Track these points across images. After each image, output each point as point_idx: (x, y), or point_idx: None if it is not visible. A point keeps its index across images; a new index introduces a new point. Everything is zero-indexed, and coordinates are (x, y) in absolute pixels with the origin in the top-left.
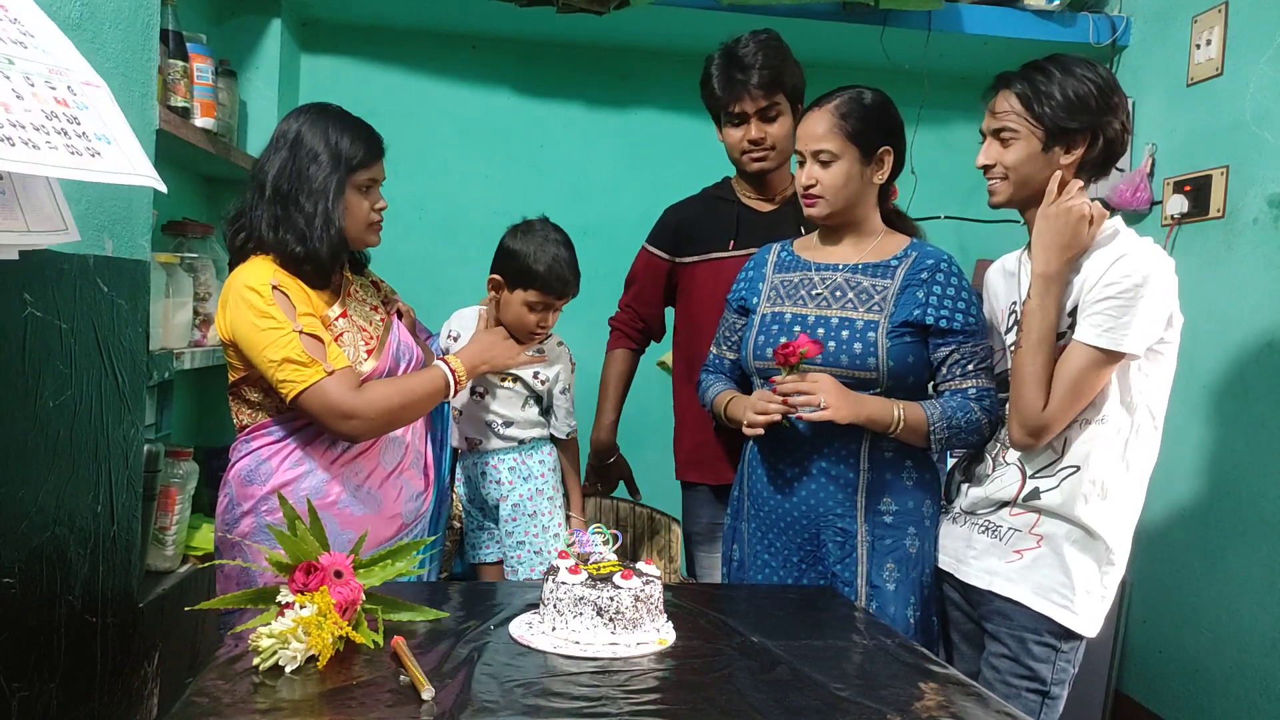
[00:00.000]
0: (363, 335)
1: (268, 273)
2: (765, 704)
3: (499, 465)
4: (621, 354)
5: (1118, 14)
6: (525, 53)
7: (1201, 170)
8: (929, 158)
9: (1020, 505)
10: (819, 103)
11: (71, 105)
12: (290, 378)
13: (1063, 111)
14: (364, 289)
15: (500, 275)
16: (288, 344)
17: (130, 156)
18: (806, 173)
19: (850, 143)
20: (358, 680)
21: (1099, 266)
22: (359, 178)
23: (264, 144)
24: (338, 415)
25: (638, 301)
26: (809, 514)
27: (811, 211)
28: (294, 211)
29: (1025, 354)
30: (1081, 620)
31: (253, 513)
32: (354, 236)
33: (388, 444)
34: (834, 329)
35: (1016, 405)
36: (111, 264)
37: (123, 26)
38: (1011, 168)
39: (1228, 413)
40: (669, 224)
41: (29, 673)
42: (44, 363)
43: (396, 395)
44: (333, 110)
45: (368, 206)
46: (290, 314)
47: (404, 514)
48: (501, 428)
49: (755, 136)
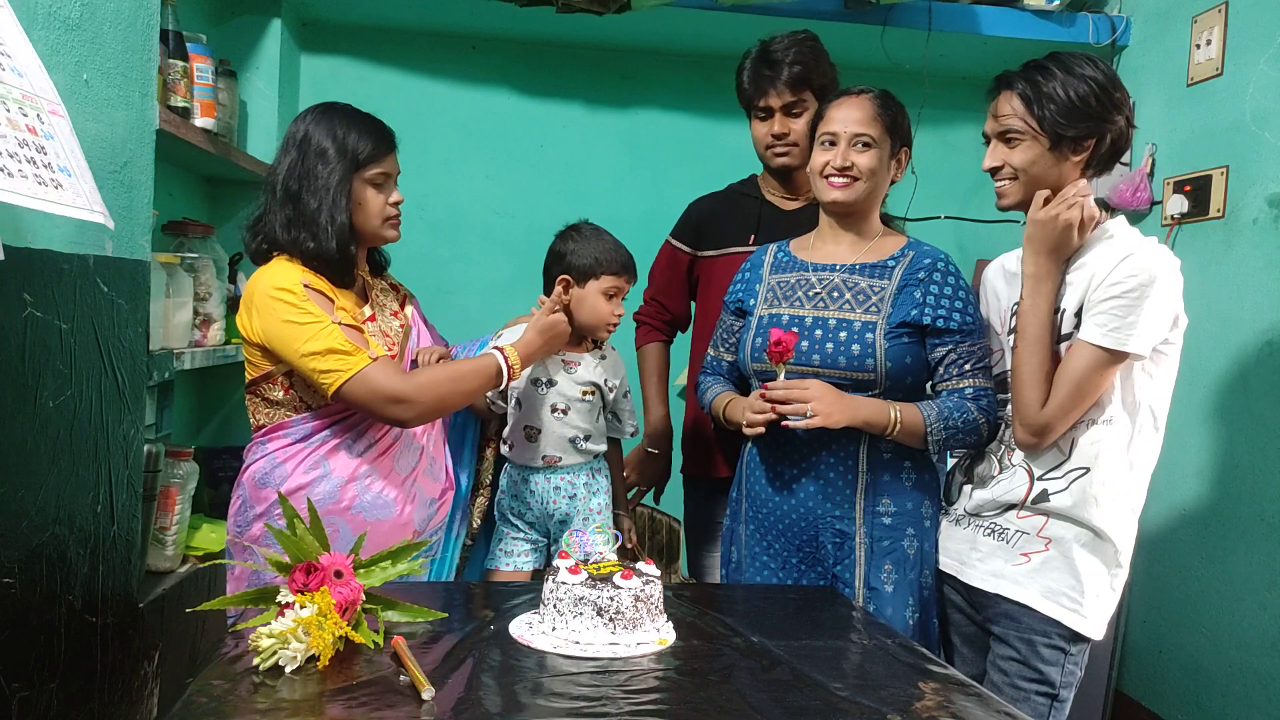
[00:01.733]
0: (385, 340)
1: (296, 274)
2: (765, 704)
3: (574, 480)
4: (655, 347)
5: (1118, 14)
6: (525, 53)
7: (1201, 170)
8: (929, 158)
9: (1029, 508)
10: (851, 92)
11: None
12: (335, 367)
13: (1066, 113)
14: (384, 293)
15: (569, 274)
16: (329, 335)
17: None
18: (841, 154)
19: (888, 134)
20: (358, 680)
21: (1105, 266)
22: (368, 172)
23: (264, 144)
24: (387, 400)
25: (662, 294)
26: (807, 516)
27: (841, 195)
28: (303, 210)
29: (1022, 353)
30: (1090, 624)
31: (265, 516)
32: (370, 232)
33: (403, 449)
34: (831, 330)
35: (1018, 405)
36: (111, 264)
37: (123, 26)
38: (1021, 169)
39: (1228, 413)
40: (692, 217)
41: (29, 673)
42: (44, 363)
43: (447, 381)
44: (339, 107)
45: (382, 201)
46: (327, 308)
47: (416, 521)
48: (583, 442)
49: (779, 131)
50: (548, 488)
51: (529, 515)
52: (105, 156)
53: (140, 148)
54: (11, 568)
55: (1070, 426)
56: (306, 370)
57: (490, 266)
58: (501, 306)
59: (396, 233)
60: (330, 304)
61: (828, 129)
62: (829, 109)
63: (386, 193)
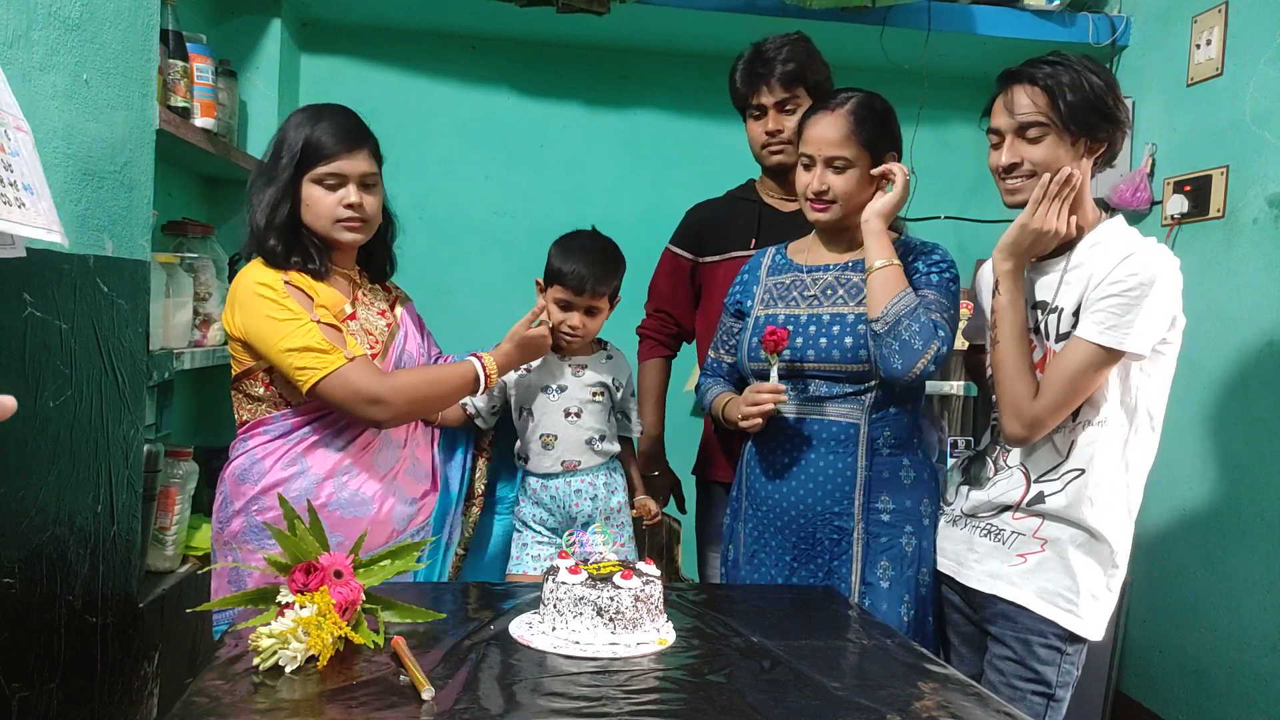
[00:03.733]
0: (368, 339)
1: (277, 271)
2: (765, 704)
3: (595, 482)
4: (655, 364)
5: (1118, 14)
6: (525, 53)
7: (1201, 170)
8: (929, 158)
9: (1024, 510)
10: (828, 106)
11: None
12: (311, 364)
13: (1090, 106)
14: (372, 293)
15: (541, 277)
16: (306, 333)
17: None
18: (818, 178)
19: (864, 150)
20: (358, 680)
21: (1105, 265)
22: (316, 171)
23: (264, 144)
24: (363, 400)
25: (668, 303)
26: (806, 513)
27: (821, 217)
28: (253, 203)
29: (1004, 348)
30: (1086, 624)
31: (243, 512)
32: (322, 233)
33: (382, 448)
34: (825, 325)
35: (1005, 399)
36: (111, 264)
37: (123, 26)
38: (1041, 164)
39: (1228, 413)
40: (691, 224)
41: (29, 673)
42: (44, 363)
43: (424, 384)
44: (317, 107)
45: (331, 202)
46: (307, 306)
47: (395, 520)
48: (598, 442)
49: (772, 128)
50: (568, 491)
51: (551, 521)
52: (105, 156)
53: (140, 148)
54: (11, 568)
55: (1067, 427)
56: (284, 366)
57: (489, 267)
58: (501, 307)
59: (353, 235)
60: (311, 301)
61: (804, 149)
62: (806, 126)
63: (338, 194)
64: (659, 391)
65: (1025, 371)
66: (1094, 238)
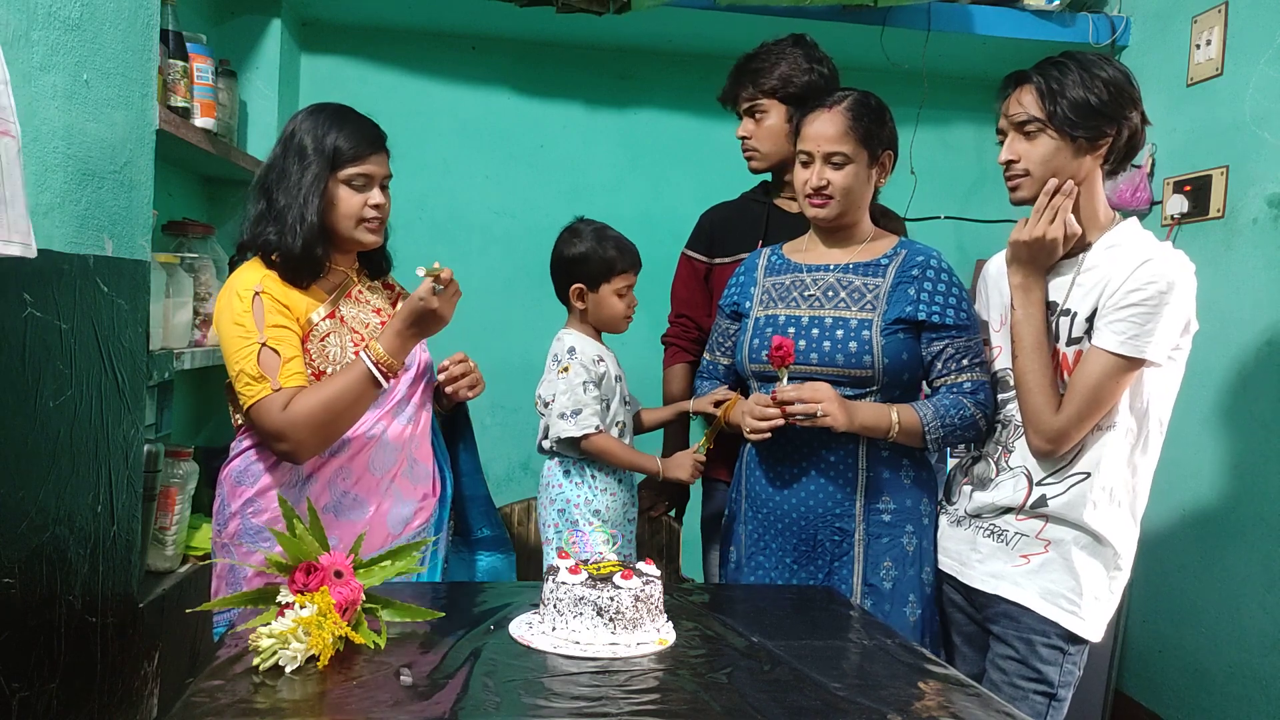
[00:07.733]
0: (354, 337)
1: (255, 277)
2: (765, 704)
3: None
4: (681, 370)
5: (1117, 14)
6: (525, 53)
7: (1201, 170)
8: (929, 158)
9: (1026, 512)
10: (825, 104)
11: None
12: (243, 391)
13: (1078, 109)
14: (370, 291)
15: (583, 283)
16: (246, 357)
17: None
18: (817, 174)
19: (861, 146)
20: (358, 680)
21: (1121, 271)
22: (344, 172)
23: (264, 144)
24: (270, 437)
25: (689, 309)
26: (807, 515)
27: (820, 213)
28: (273, 206)
29: (1024, 363)
30: (1088, 625)
31: (239, 515)
32: (343, 234)
33: (379, 449)
34: (828, 329)
35: (1028, 413)
36: (111, 264)
37: (123, 26)
38: (1037, 163)
39: (1227, 413)
40: (704, 226)
41: (29, 673)
42: (44, 363)
43: (319, 405)
44: (331, 107)
45: (358, 202)
46: (260, 323)
47: (390, 524)
48: (630, 435)
49: (740, 133)
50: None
51: (605, 514)
52: (105, 156)
53: (140, 148)
54: (11, 568)
55: None
56: (235, 385)
57: (489, 266)
58: (500, 307)
59: (374, 236)
60: (264, 319)
61: (803, 146)
62: (805, 124)
63: (367, 195)
64: (684, 397)
65: (1046, 386)
66: (1110, 239)
